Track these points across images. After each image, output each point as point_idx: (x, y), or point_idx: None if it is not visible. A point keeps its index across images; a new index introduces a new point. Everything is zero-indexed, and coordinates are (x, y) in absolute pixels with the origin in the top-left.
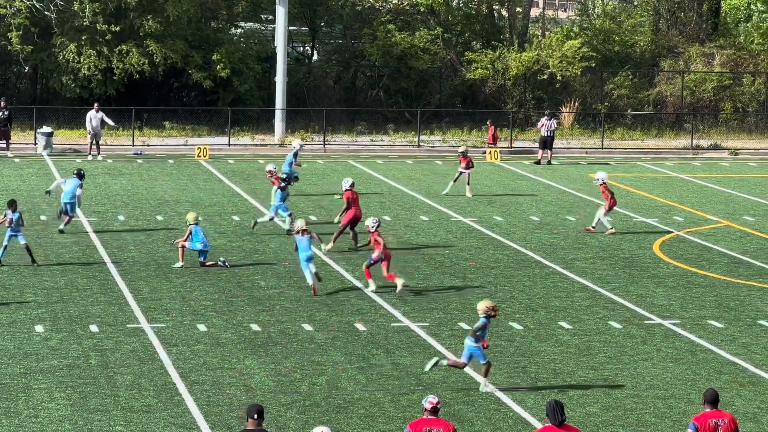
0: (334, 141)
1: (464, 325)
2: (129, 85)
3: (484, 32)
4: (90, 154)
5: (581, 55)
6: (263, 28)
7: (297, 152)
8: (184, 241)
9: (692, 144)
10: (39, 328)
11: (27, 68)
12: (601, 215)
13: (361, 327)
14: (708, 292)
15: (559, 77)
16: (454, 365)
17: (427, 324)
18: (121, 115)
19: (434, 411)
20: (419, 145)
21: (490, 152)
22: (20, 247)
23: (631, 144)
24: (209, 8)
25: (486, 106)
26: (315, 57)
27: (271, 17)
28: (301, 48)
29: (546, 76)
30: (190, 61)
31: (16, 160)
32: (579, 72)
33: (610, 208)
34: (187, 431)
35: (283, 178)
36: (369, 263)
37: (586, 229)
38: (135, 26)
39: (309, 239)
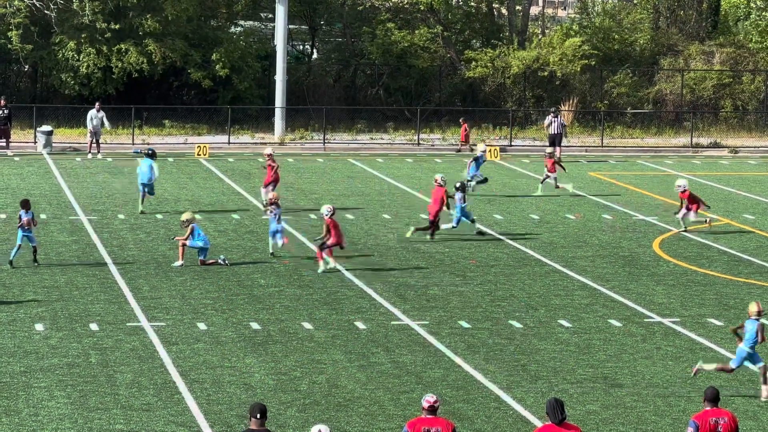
0: (334, 139)
1: (464, 324)
2: (129, 84)
3: (483, 30)
4: (90, 152)
5: (581, 53)
6: (263, 27)
7: (481, 157)
8: (185, 240)
9: (692, 142)
10: (39, 327)
11: (27, 67)
12: (692, 217)
13: (361, 325)
14: (708, 291)
15: (558, 75)
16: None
17: (427, 322)
18: (120, 114)
19: (432, 410)
20: (419, 144)
21: (490, 150)
22: (28, 246)
23: (630, 142)
24: (209, 7)
25: (486, 104)
26: (315, 55)
27: (270, 16)
28: (301, 46)
29: (546, 73)
30: (190, 59)
31: (16, 158)
32: (579, 69)
33: (695, 211)
34: (187, 429)
35: (457, 185)
36: (323, 245)
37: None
38: (134, 25)
39: (276, 215)
